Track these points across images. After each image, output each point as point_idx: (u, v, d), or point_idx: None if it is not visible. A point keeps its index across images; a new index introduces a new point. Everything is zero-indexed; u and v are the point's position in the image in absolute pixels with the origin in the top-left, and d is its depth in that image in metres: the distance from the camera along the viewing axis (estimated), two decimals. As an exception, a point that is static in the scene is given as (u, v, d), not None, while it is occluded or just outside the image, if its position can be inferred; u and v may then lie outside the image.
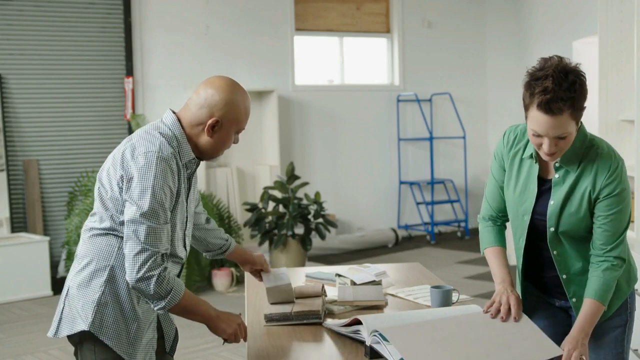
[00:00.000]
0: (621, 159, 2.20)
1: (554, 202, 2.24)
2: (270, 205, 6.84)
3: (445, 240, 8.78)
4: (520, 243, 2.35)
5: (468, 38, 9.37)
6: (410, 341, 2.06)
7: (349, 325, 2.26)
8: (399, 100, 8.87)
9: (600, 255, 2.20)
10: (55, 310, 2.29)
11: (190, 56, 7.57)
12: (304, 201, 6.78)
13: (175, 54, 7.50)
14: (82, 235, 2.27)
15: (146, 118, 7.17)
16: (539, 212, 2.28)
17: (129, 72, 7.24)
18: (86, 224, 2.26)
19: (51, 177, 6.97)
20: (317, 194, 6.80)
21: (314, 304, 2.48)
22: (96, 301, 2.16)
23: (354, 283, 2.82)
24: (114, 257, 2.18)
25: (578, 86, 2.06)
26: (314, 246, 7.17)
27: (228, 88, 2.22)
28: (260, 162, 7.84)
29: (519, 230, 2.35)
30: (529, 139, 2.18)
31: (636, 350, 3.64)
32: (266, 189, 6.77)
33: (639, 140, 3.85)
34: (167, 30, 7.46)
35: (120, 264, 2.18)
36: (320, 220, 6.72)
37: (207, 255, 2.62)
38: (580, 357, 2.10)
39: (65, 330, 2.20)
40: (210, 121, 2.19)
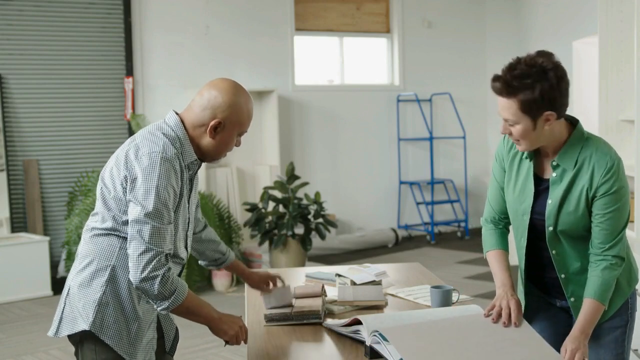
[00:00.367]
0: (618, 158, 2.21)
1: (552, 201, 2.25)
2: (270, 205, 6.84)
3: (445, 240, 8.78)
4: (521, 243, 2.35)
5: (468, 38, 9.37)
6: (410, 341, 2.06)
7: (349, 325, 2.26)
8: (399, 100, 8.87)
9: (599, 254, 2.20)
10: (55, 310, 2.29)
11: (190, 56, 7.57)
12: (304, 201, 6.78)
13: (175, 54, 7.50)
14: (84, 235, 2.27)
15: (146, 118, 7.17)
16: (537, 212, 2.29)
17: (129, 72, 7.24)
18: (87, 224, 2.26)
19: (51, 177, 6.97)
20: (317, 194, 6.80)
21: (314, 304, 2.48)
22: (97, 301, 2.16)
23: (354, 283, 2.82)
24: (115, 257, 2.19)
25: (531, 82, 2.09)
26: (314, 246, 7.17)
27: (231, 90, 2.22)
28: (260, 162, 7.84)
29: (519, 231, 2.35)
30: None
31: (636, 350, 3.64)
32: (266, 189, 6.77)
33: (639, 140, 3.85)
34: (167, 30, 7.46)
35: (122, 264, 2.18)
36: (320, 220, 6.72)
37: (202, 264, 2.62)
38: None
39: (66, 330, 2.20)
40: (212, 122, 2.20)
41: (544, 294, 2.43)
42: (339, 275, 2.92)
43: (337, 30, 8.63)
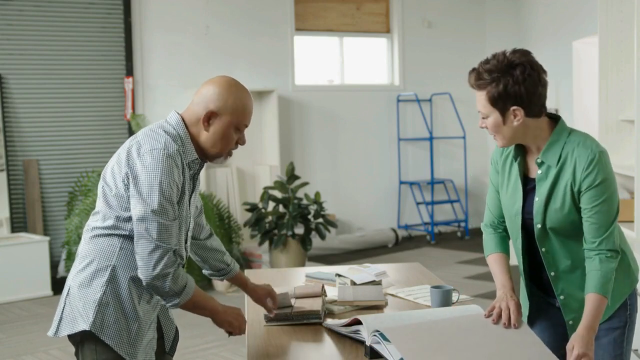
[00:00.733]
0: (601, 150, 2.18)
1: (539, 199, 2.25)
2: (270, 205, 6.84)
3: (445, 240, 8.78)
4: (518, 244, 2.36)
5: (468, 38, 9.37)
6: (410, 341, 2.06)
7: (349, 325, 2.26)
8: (399, 100, 8.87)
9: (593, 249, 2.19)
10: (55, 310, 2.29)
11: (190, 56, 7.58)
12: (304, 201, 6.78)
13: (175, 54, 7.50)
14: (84, 235, 2.27)
15: (146, 118, 7.17)
16: (528, 211, 2.30)
17: (129, 72, 7.25)
18: (88, 224, 2.26)
19: (51, 177, 6.97)
20: (317, 194, 6.80)
21: (314, 304, 2.48)
22: (97, 301, 2.16)
23: (354, 283, 2.82)
24: (116, 257, 2.19)
25: (497, 76, 2.18)
26: (314, 246, 7.17)
27: (226, 84, 2.24)
28: (260, 162, 7.84)
29: (514, 232, 2.36)
30: None
31: (636, 350, 3.64)
32: (266, 189, 6.77)
33: (639, 140, 3.85)
34: (167, 30, 7.46)
35: (122, 264, 2.18)
36: (320, 220, 6.72)
37: (206, 273, 2.58)
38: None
39: (66, 330, 2.20)
40: (205, 112, 2.20)
41: (543, 294, 2.44)
42: (339, 275, 2.92)
43: (337, 30, 8.63)
